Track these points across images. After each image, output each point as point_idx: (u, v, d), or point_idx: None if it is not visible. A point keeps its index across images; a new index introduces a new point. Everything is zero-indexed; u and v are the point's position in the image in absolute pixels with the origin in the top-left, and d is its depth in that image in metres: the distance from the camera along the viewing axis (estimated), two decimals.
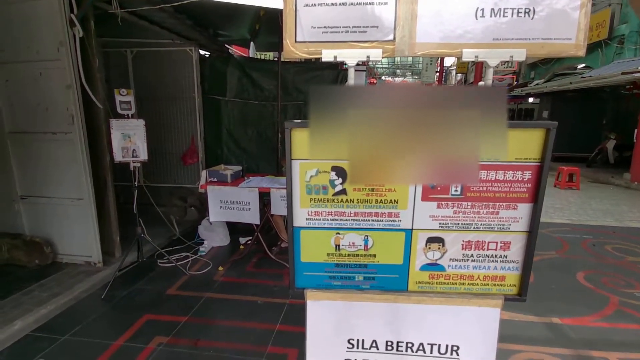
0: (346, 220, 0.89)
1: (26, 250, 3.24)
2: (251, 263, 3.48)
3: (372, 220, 0.89)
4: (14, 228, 3.33)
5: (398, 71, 29.32)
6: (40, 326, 2.43)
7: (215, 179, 3.16)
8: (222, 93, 5.02)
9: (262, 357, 2.15)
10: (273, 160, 4.97)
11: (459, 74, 27.01)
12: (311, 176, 0.85)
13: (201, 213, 4.39)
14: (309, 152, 0.83)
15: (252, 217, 3.05)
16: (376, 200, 0.88)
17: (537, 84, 11.81)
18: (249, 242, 3.95)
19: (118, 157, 2.94)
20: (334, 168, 0.85)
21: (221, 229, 3.91)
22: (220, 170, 3.22)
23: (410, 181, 0.84)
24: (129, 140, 2.92)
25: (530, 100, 13.47)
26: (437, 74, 24.50)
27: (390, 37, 0.76)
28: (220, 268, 3.32)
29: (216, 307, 2.71)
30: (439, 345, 0.93)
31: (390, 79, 27.69)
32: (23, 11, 2.89)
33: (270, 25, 4.36)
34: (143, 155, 3.02)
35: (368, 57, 0.77)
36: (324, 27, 0.76)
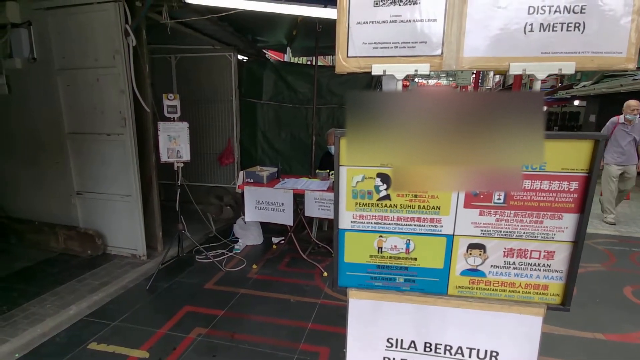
0: (389, 224, 0.93)
1: (80, 241, 3.52)
2: (283, 262, 3.58)
3: (415, 225, 0.93)
4: (70, 220, 3.63)
5: (432, 73, 28.66)
6: (92, 312, 2.64)
7: (251, 180, 3.29)
8: (258, 96, 5.19)
9: (295, 354, 2.22)
10: (306, 161, 5.06)
11: (497, 76, 25.94)
12: (357, 182, 0.91)
13: (236, 212, 4.57)
14: (356, 159, 0.88)
15: (286, 218, 3.14)
16: (419, 206, 0.91)
17: (583, 86, 11.14)
18: (281, 242, 4.06)
19: (164, 157, 3.13)
20: (379, 175, 0.90)
21: (255, 228, 4.05)
22: (256, 171, 3.35)
23: (452, 189, 0.87)
24: (174, 141, 3.11)
25: (576, 103, 12.72)
26: (473, 75, 23.73)
27: (438, 51, 0.79)
28: (255, 266, 3.44)
29: (251, 303, 2.82)
30: (478, 350, 0.95)
31: (423, 81, 27.10)
32: (83, 22, 3.17)
33: (306, 30, 4.47)
34: (186, 156, 3.21)
35: (416, 70, 0.81)
36: (375, 42, 0.81)
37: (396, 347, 0.99)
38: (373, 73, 0.82)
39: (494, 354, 0.94)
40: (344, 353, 2.24)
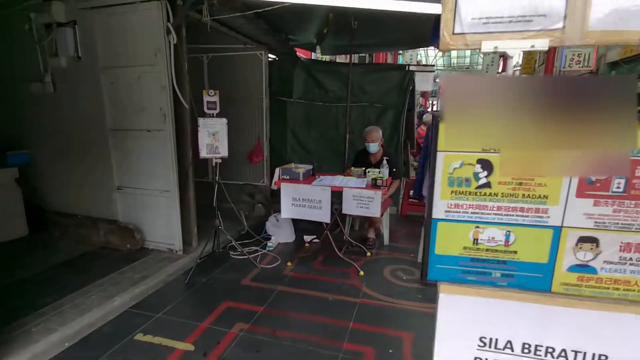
0: (488, 214, 0.87)
1: (120, 235, 3.60)
2: (318, 260, 3.55)
3: (517, 216, 0.86)
4: (110, 215, 3.72)
5: (454, 73, 28.11)
6: (135, 304, 2.68)
7: (287, 177, 3.27)
8: (288, 94, 5.19)
9: (340, 352, 2.17)
10: (336, 160, 5.03)
11: (524, 75, 25.16)
12: (455, 168, 0.85)
13: (267, 209, 4.57)
14: (455, 144, 0.83)
15: (323, 215, 3.10)
16: (523, 195, 0.85)
17: None
18: (314, 240, 4.02)
19: (203, 153, 3.16)
20: (479, 161, 0.84)
21: (287, 225, 4.04)
22: (292, 168, 3.33)
23: (566, 174, 0.80)
24: (213, 137, 3.13)
25: None
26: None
27: (559, 25, 0.73)
28: (289, 263, 3.42)
29: (288, 300, 2.80)
30: (585, 353, 0.87)
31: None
32: (126, 21, 3.24)
33: (338, 28, 4.43)
34: (224, 152, 3.23)
35: (532, 46, 0.75)
36: (485, 18, 0.76)
37: (490, 346, 0.92)
38: (482, 50, 0.77)
39: (602, 357, 0.87)
40: (389, 354, 2.19)
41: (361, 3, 2.83)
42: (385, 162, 3.46)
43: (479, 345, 0.92)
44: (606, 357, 0.86)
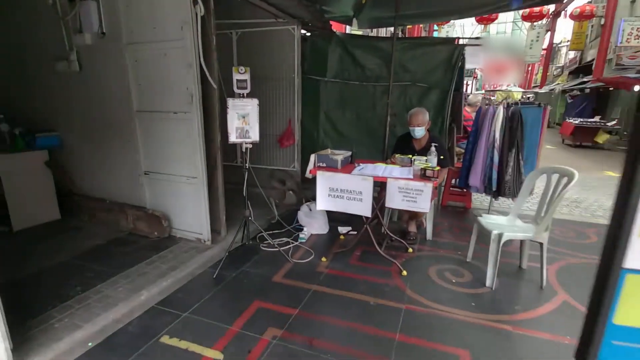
0: None
1: (147, 222, 3.46)
2: (354, 256, 3.25)
3: None
4: (138, 201, 3.58)
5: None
6: (162, 300, 2.51)
7: (324, 164, 2.95)
8: (322, 73, 4.80)
9: None
10: (373, 145, 4.64)
11: (572, 51, 22.93)
12: None
13: (298, 197, 4.30)
14: None
15: (364, 208, 2.78)
16: None
17: None
18: (350, 232, 3.72)
19: (232, 137, 2.89)
20: None
21: (321, 216, 3.75)
22: (329, 154, 3.00)
23: None
24: (243, 120, 2.85)
25: None
26: (544, 52, 21.16)
27: None
28: (324, 259, 3.15)
29: (325, 302, 2.53)
30: None
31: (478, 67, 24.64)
32: None
33: None
34: (255, 136, 2.94)
35: None
36: None
37: None
38: None
39: None
40: None
41: None
42: (433, 148, 3.04)
43: None
44: None
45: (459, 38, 4.34)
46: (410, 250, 3.36)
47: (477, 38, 5.78)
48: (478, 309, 2.45)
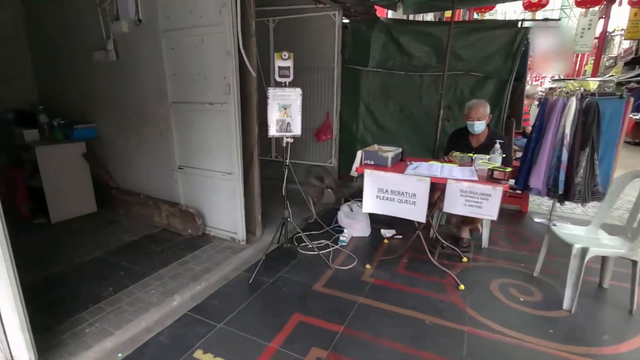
0: None
1: (181, 219, 3.31)
2: (402, 264, 2.92)
3: None
4: (172, 196, 3.45)
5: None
6: (195, 306, 2.32)
7: (372, 162, 2.64)
8: (363, 62, 4.46)
9: None
10: (418, 140, 4.27)
11: (628, 41, 20.95)
12: None
13: (337, 196, 4.02)
14: None
15: (418, 213, 2.44)
16: None
17: None
18: (395, 237, 3.40)
19: (272, 131, 2.64)
20: None
21: (363, 217, 3.45)
22: (377, 151, 2.68)
23: None
24: (285, 112, 2.59)
25: None
26: (596, 40, 19.43)
27: None
28: (368, 266, 2.85)
29: (374, 318, 2.24)
30: None
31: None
32: None
33: None
34: (297, 129, 2.68)
35: None
36: None
37: None
38: None
39: None
40: None
41: None
42: (498, 146, 2.64)
43: None
44: None
45: (523, 20, 3.83)
46: (465, 259, 2.99)
47: (549, 20, 5.17)
48: (558, 338, 2.06)
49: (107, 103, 3.69)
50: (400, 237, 3.40)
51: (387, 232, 3.43)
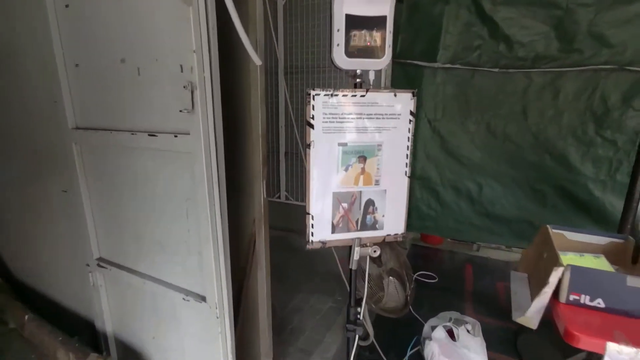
0: None
1: None
2: None
3: None
4: (89, 313, 1.67)
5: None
6: None
7: (600, 302, 0.91)
8: (429, 55, 2.77)
9: None
10: (517, 184, 2.59)
11: None
12: None
13: (410, 295, 2.26)
14: None
15: None
16: None
17: None
18: None
19: (321, 226, 0.88)
20: None
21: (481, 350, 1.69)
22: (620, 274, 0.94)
23: None
24: (361, 170, 0.86)
25: None
26: None
27: None
28: None
29: None
30: None
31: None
32: None
33: None
34: (396, 224, 0.93)
35: None
36: None
37: None
38: None
39: None
40: None
41: None
42: None
43: None
44: None
45: None
46: None
47: None
48: None
49: None
50: None
51: None
